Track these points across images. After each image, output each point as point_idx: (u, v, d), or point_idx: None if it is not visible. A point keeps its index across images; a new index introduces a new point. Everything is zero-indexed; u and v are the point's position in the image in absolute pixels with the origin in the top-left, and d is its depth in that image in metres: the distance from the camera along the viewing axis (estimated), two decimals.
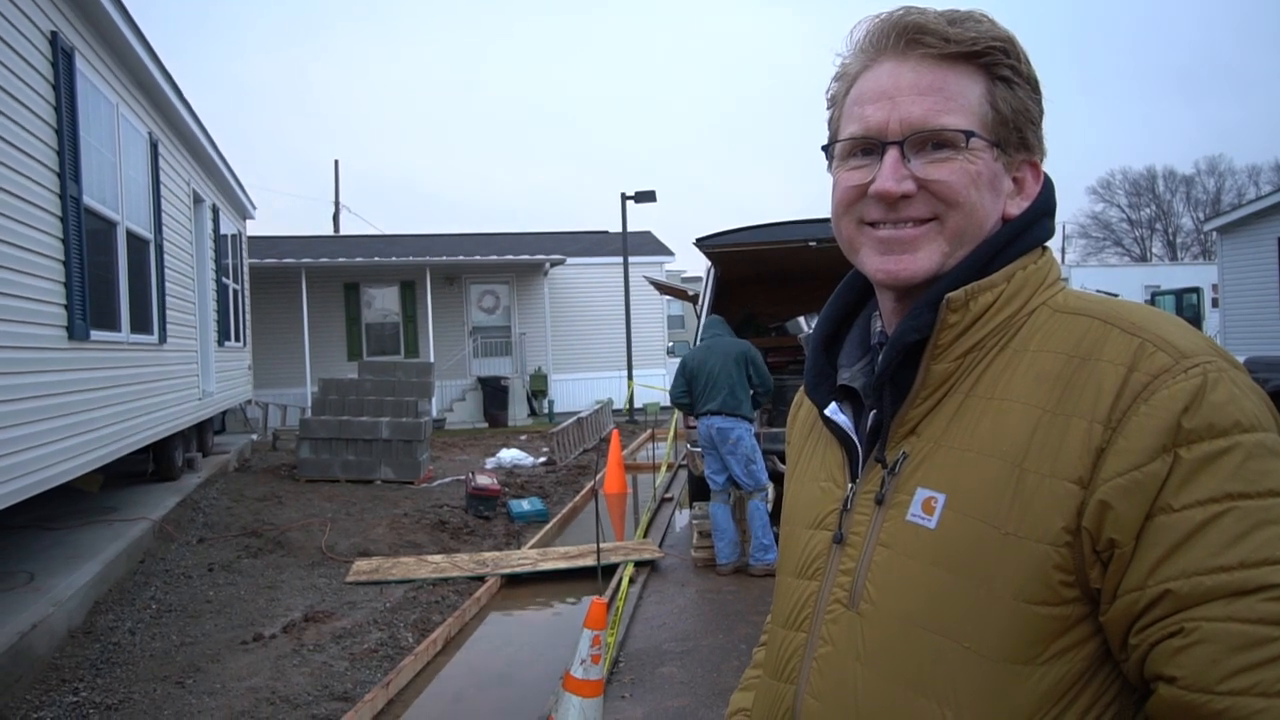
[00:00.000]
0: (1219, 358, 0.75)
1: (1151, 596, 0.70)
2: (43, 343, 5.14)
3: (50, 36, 5.43)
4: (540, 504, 8.45)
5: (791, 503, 1.02)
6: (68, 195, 5.52)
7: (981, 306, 0.84)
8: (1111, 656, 0.75)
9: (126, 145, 7.01)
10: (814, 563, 0.92)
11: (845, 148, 0.90)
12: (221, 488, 8.90)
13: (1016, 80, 0.87)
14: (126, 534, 6.25)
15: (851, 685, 0.84)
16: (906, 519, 0.83)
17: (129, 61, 7.01)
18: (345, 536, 7.24)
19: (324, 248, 19.60)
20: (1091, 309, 0.83)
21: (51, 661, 4.41)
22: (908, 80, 0.85)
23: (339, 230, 27.86)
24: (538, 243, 21.06)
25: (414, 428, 9.94)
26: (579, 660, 3.40)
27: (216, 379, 10.47)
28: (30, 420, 4.88)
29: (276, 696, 4.11)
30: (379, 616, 5.26)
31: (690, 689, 4.22)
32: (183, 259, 9.06)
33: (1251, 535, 0.68)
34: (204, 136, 9.63)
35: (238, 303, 12.57)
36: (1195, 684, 0.68)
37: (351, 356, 17.57)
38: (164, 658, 4.60)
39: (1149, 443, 0.72)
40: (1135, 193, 50.82)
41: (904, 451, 0.86)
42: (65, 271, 5.48)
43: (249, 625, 5.11)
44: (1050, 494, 0.75)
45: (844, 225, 0.91)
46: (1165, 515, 0.70)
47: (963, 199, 0.85)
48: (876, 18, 0.89)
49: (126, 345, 6.80)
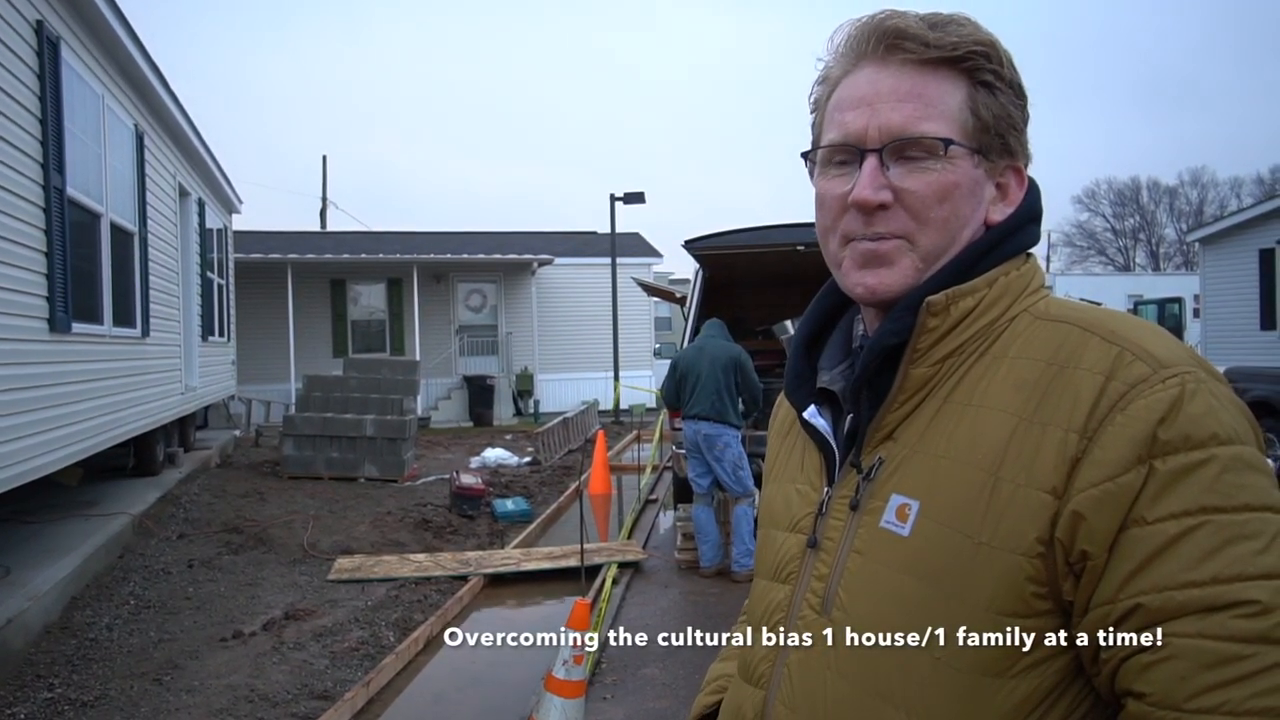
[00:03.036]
0: (1199, 368, 0.74)
1: (1123, 610, 0.69)
2: (23, 334, 5.09)
3: (36, 25, 5.38)
4: (525, 504, 8.43)
5: (768, 504, 1.01)
6: (51, 186, 5.47)
7: (962, 311, 0.83)
8: (1084, 670, 0.74)
9: (112, 137, 6.95)
10: (788, 566, 0.91)
11: (825, 155, 0.89)
12: (203, 483, 8.84)
13: (999, 85, 0.85)
14: (105, 529, 6.20)
15: (821, 692, 0.83)
16: (880, 525, 0.81)
17: (116, 52, 6.95)
18: (328, 534, 7.20)
19: (311, 244, 19.50)
20: (1072, 316, 0.81)
21: (27, 657, 4.36)
22: (887, 86, 0.84)
23: (326, 226, 27.72)
24: (525, 242, 21.00)
25: (399, 425, 9.90)
26: (561, 661, 3.40)
27: (200, 374, 10.39)
28: (9, 412, 4.83)
29: (256, 694, 4.08)
30: (360, 615, 5.23)
31: (672, 690, 4.22)
32: (167, 252, 8.99)
33: (1225, 550, 0.67)
34: (191, 130, 9.56)
35: (223, 297, 12.49)
36: (1164, 701, 0.67)
37: (337, 353, 17.45)
38: (142, 654, 4.56)
39: (1124, 453, 0.70)
40: (1120, 203, 51.30)
41: (880, 457, 0.84)
42: (47, 263, 5.42)
43: (229, 622, 5.08)
44: (1024, 504, 0.73)
45: (831, 243, 0.90)
46: (1138, 528, 0.69)
47: (933, 214, 0.84)
48: (857, 21, 0.87)
49: (109, 338, 6.74)
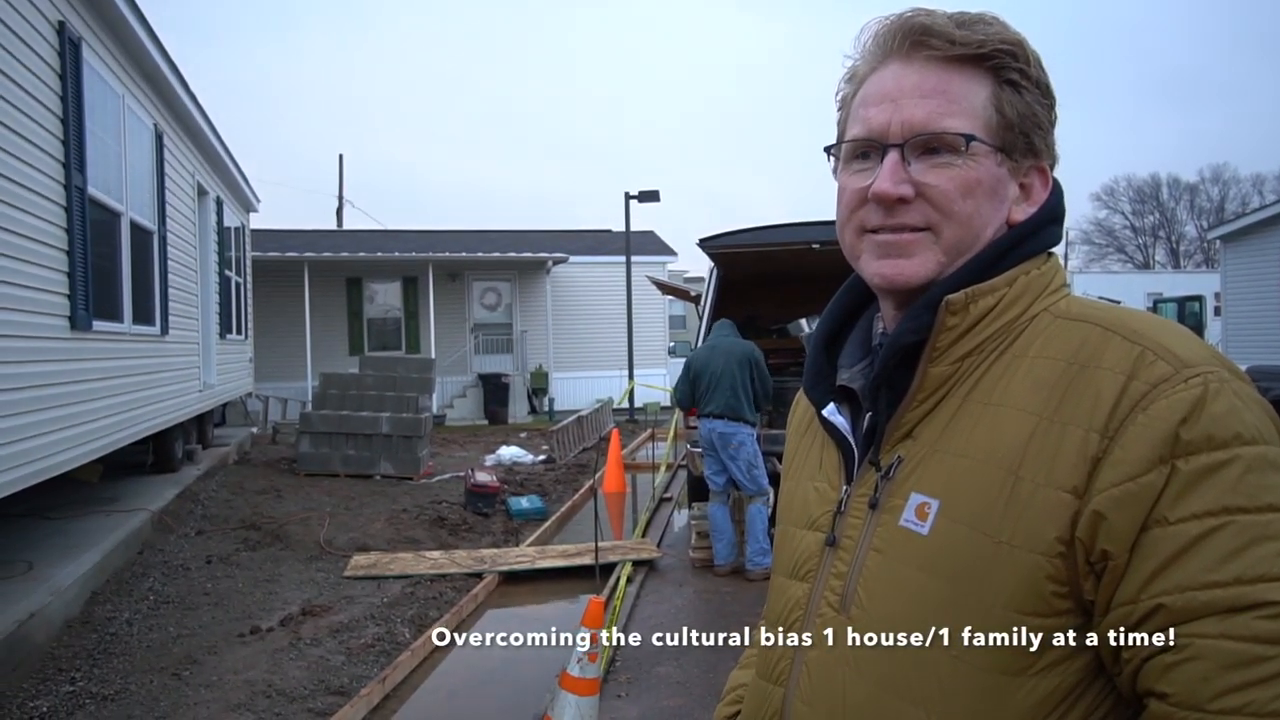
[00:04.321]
0: (1221, 367, 0.73)
1: (1144, 610, 0.69)
2: (45, 332, 5.15)
3: (58, 26, 5.44)
4: (539, 502, 8.44)
5: (786, 502, 1.01)
6: (72, 185, 5.52)
7: (981, 310, 0.83)
8: (1105, 670, 0.74)
9: (131, 136, 7.01)
10: (806, 564, 0.91)
11: (848, 150, 0.89)
12: (221, 480, 8.91)
13: (1025, 84, 0.85)
14: (125, 525, 6.26)
15: (840, 690, 0.83)
16: (900, 524, 0.81)
17: (136, 53, 7.02)
18: (344, 531, 7.24)
19: (327, 242, 19.60)
20: (1093, 316, 0.81)
21: (48, 651, 4.41)
22: (911, 83, 0.84)
23: (342, 225, 27.88)
24: (540, 241, 21.03)
25: (414, 423, 9.94)
26: (575, 659, 3.40)
27: (218, 371, 10.47)
28: (31, 409, 4.88)
29: (273, 689, 4.11)
30: (376, 611, 5.26)
31: (686, 689, 4.22)
32: (186, 251, 9.07)
33: (1248, 551, 0.66)
34: (209, 129, 9.63)
35: (240, 295, 12.58)
36: (1186, 701, 0.66)
37: (353, 351, 17.56)
38: (161, 649, 4.60)
39: (1146, 453, 0.70)
40: (1139, 200, 50.80)
41: (899, 455, 0.84)
42: (69, 261, 5.48)
43: (246, 618, 5.12)
44: (1045, 503, 0.73)
45: (847, 233, 0.90)
46: (1160, 528, 0.69)
47: (956, 209, 0.83)
48: (884, 19, 0.87)
49: (129, 336, 6.81)
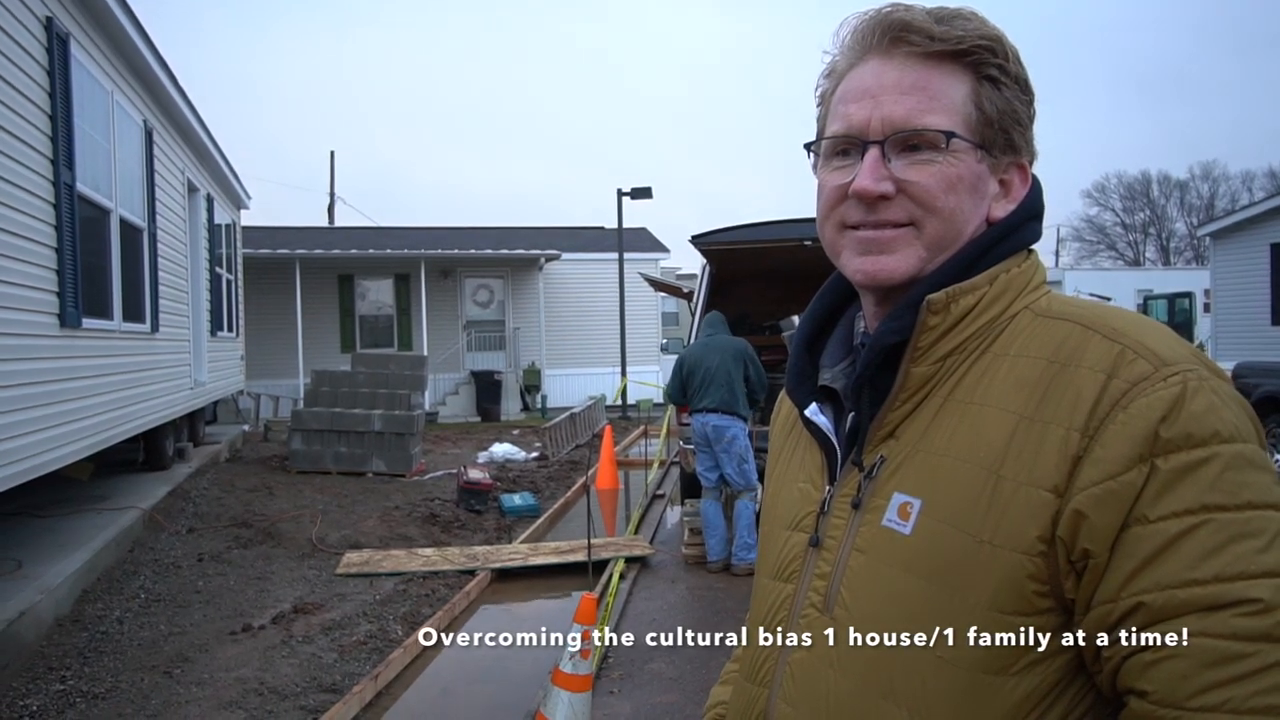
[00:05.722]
0: (1201, 366, 0.73)
1: (1125, 609, 0.69)
2: (34, 329, 5.12)
3: (46, 22, 5.40)
4: (532, 499, 8.45)
5: (770, 502, 1.00)
6: (61, 182, 5.50)
7: (963, 309, 0.82)
8: (1085, 668, 0.74)
9: (121, 133, 6.97)
10: (790, 565, 0.90)
11: (828, 146, 0.89)
12: (212, 478, 8.89)
13: (1004, 80, 0.85)
14: (116, 523, 6.24)
15: (824, 691, 0.83)
16: (882, 524, 0.81)
17: (125, 49, 6.98)
18: (336, 528, 7.23)
19: (319, 239, 19.56)
20: (1073, 314, 0.81)
21: (39, 649, 4.40)
22: (891, 79, 0.84)
23: (334, 222, 27.79)
24: (533, 237, 21.00)
25: (406, 420, 9.93)
26: (568, 655, 3.41)
27: (209, 369, 10.44)
28: (21, 407, 4.86)
29: (265, 687, 4.11)
30: (368, 609, 5.26)
31: (678, 685, 4.24)
32: (176, 248, 9.03)
33: (1227, 548, 0.67)
34: (199, 125, 9.58)
35: (231, 293, 12.54)
36: (1166, 699, 0.67)
37: (345, 348, 17.51)
38: (152, 647, 4.59)
39: (1126, 452, 0.70)
40: (1130, 197, 51.00)
41: (881, 455, 0.84)
42: (58, 258, 5.46)
43: (238, 616, 5.11)
44: (1026, 502, 0.73)
45: (827, 229, 0.90)
46: (1140, 526, 0.69)
47: (939, 204, 0.83)
48: (863, 14, 0.87)
49: (119, 333, 6.78)
